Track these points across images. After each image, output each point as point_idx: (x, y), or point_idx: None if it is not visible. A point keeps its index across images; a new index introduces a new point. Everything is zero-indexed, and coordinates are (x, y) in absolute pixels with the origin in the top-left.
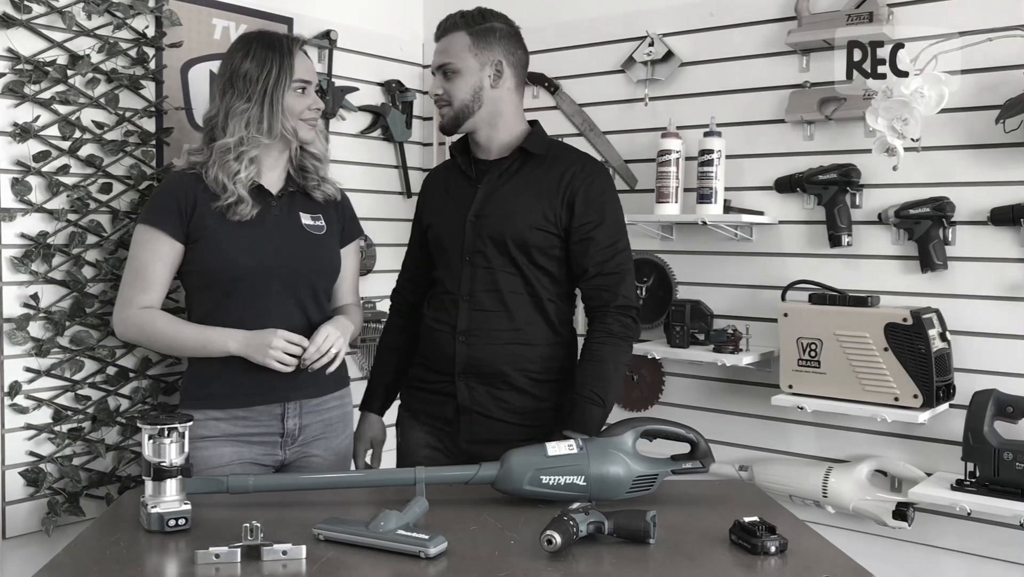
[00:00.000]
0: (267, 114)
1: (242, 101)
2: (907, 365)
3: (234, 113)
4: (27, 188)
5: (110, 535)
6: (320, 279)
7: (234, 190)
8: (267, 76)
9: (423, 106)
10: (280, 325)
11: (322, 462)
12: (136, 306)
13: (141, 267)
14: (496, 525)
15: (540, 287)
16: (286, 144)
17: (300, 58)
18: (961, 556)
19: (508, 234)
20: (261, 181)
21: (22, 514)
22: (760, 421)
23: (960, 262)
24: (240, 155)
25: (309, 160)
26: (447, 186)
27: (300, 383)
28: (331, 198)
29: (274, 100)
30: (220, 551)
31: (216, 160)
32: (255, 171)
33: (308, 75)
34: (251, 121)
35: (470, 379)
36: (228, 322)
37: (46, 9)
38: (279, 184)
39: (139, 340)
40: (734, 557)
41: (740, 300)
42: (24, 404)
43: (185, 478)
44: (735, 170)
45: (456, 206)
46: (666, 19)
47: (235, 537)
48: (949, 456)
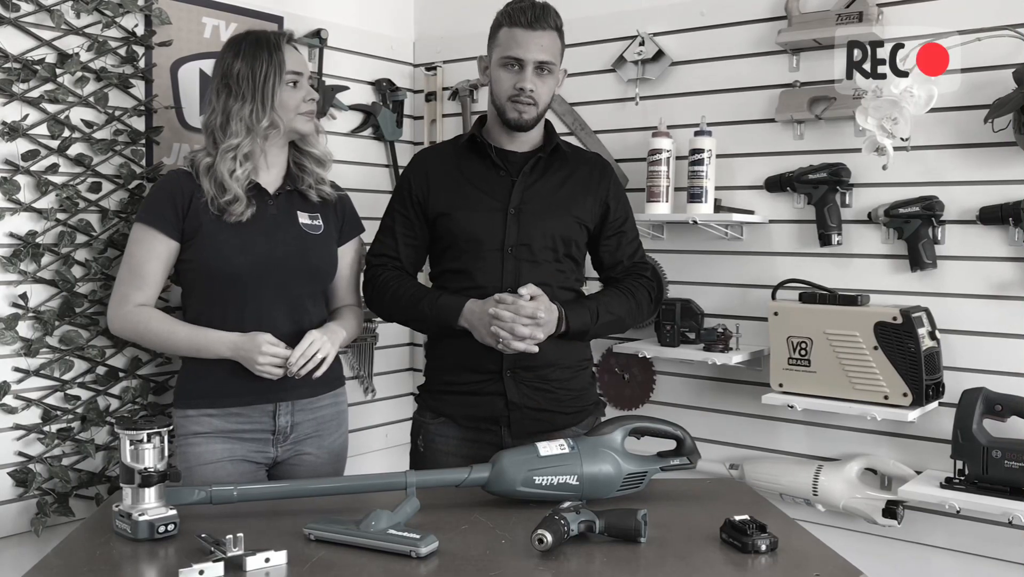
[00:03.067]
0: (264, 110)
1: (238, 101)
2: (897, 364)
3: (232, 114)
4: (16, 187)
5: (99, 536)
6: (316, 279)
7: (232, 188)
8: (259, 73)
9: (414, 105)
10: (275, 324)
11: (315, 460)
12: (132, 303)
13: (137, 265)
14: (487, 524)
15: (573, 278)
16: (285, 141)
17: (289, 51)
18: (951, 554)
19: (555, 228)
20: (259, 180)
21: (11, 514)
22: (750, 420)
23: (949, 261)
24: (237, 154)
25: (308, 160)
26: (465, 175)
27: (293, 383)
28: (328, 199)
29: (266, 97)
30: (204, 567)
31: (219, 160)
32: (251, 168)
33: (299, 67)
34: (249, 119)
35: (518, 373)
36: (223, 320)
37: (35, 7)
38: (277, 183)
39: (133, 337)
40: (725, 556)
41: (730, 299)
42: (13, 404)
43: (171, 485)
44: (725, 169)
45: (489, 199)
46: (657, 18)
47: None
48: (938, 454)
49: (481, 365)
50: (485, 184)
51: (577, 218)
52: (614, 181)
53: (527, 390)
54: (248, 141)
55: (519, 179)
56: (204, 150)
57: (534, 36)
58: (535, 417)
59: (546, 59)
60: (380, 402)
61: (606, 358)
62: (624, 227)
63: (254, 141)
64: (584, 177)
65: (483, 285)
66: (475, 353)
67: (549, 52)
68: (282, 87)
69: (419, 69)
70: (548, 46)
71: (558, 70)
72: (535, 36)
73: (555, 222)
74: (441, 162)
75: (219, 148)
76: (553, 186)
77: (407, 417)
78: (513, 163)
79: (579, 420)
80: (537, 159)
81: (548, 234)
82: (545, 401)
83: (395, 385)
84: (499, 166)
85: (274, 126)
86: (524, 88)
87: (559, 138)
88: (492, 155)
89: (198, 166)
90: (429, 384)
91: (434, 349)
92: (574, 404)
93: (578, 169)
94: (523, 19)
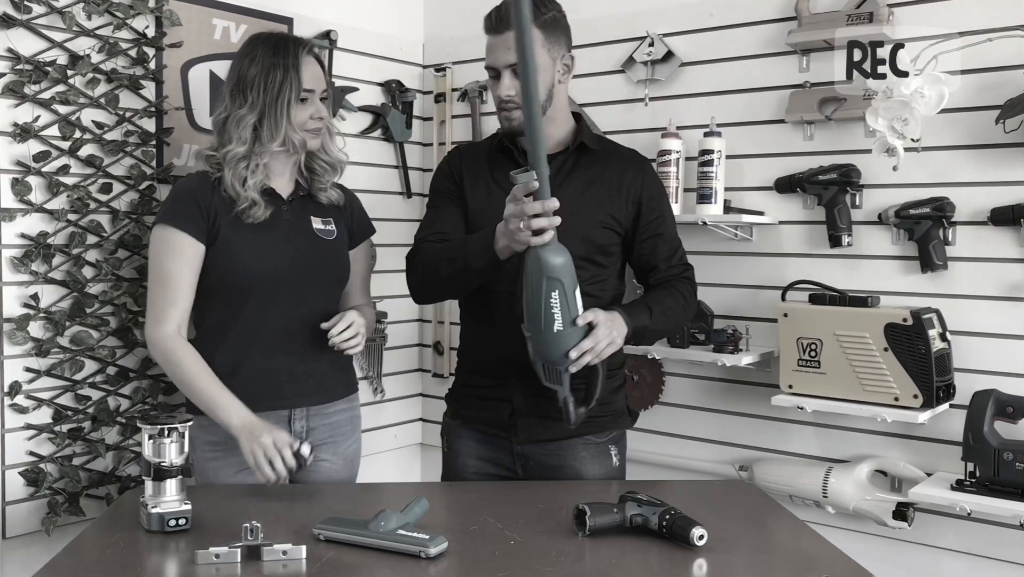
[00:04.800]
0: (270, 125)
1: (246, 109)
2: (907, 365)
3: (240, 120)
4: (27, 188)
5: (110, 535)
6: (332, 283)
7: (247, 196)
8: (271, 87)
9: (423, 106)
10: (291, 330)
11: (330, 466)
12: (171, 323)
13: (167, 276)
14: (496, 525)
15: (611, 286)
16: (294, 150)
17: (307, 65)
18: (961, 556)
19: (582, 232)
20: (272, 185)
21: (22, 514)
22: (760, 421)
23: (960, 262)
24: (249, 163)
25: (319, 164)
26: (493, 176)
27: (307, 389)
28: (335, 203)
29: (277, 112)
30: (220, 551)
31: (227, 166)
32: (263, 175)
33: (313, 83)
34: (255, 130)
35: (526, 380)
36: (238, 327)
37: (46, 9)
38: (289, 188)
39: (163, 366)
40: (736, 558)
41: (740, 300)
42: (24, 404)
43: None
44: (735, 170)
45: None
46: (666, 19)
47: (235, 537)
48: (949, 456)
49: (490, 370)
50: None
51: (605, 221)
52: (649, 179)
53: (535, 397)
54: (257, 152)
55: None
56: (212, 150)
57: (500, 40)
58: (541, 424)
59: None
60: (389, 403)
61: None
62: (661, 228)
63: (263, 152)
64: (616, 176)
65: (498, 290)
66: (484, 355)
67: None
68: (294, 105)
69: (428, 70)
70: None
71: (544, 64)
72: (501, 40)
73: (582, 226)
74: (475, 162)
75: (224, 153)
76: (579, 187)
77: (416, 418)
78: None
79: (594, 429)
80: (562, 161)
81: (576, 239)
82: (553, 410)
83: (404, 386)
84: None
85: (276, 140)
86: (501, 96)
87: (589, 134)
88: (518, 158)
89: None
90: (454, 385)
91: (460, 347)
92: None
93: (610, 167)
94: (488, 24)
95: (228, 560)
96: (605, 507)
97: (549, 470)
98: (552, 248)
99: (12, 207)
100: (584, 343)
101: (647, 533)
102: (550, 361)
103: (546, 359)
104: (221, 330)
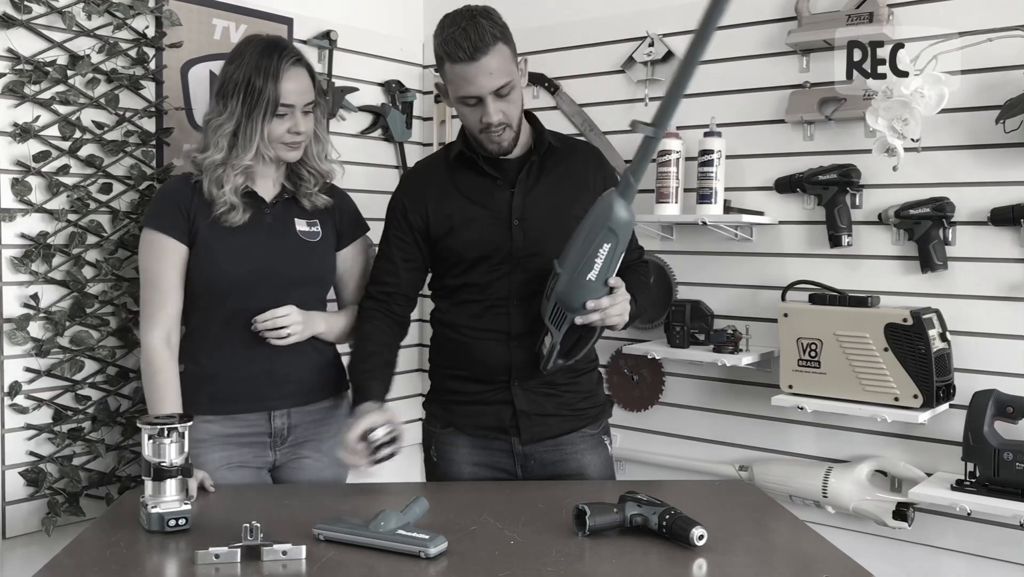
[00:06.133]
0: (244, 137)
1: (225, 117)
2: (907, 365)
3: (218, 128)
4: (27, 188)
5: (110, 535)
6: (315, 286)
7: (224, 200)
8: (248, 98)
9: (423, 106)
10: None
11: (315, 464)
12: (159, 328)
13: (154, 278)
14: (496, 525)
15: None
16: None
17: (288, 79)
18: (961, 556)
19: (563, 232)
20: (255, 188)
21: (22, 514)
22: (760, 421)
23: (960, 262)
24: (225, 169)
25: (306, 171)
26: (460, 189)
27: (287, 391)
28: (322, 207)
29: (251, 126)
30: (220, 551)
31: (205, 172)
32: (243, 180)
33: (294, 98)
34: (233, 137)
35: (525, 382)
36: (218, 329)
37: (46, 9)
38: (273, 191)
39: (141, 371)
40: (736, 558)
41: (740, 300)
42: (24, 404)
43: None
44: (735, 170)
45: (489, 212)
46: (666, 19)
47: (235, 537)
48: (949, 456)
49: (488, 376)
50: (483, 197)
51: (580, 216)
52: (608, 172)
53: (535, 397)
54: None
55: (517, 187)
56: (198, 150)
57: (479, 67)
58: (544, 423)
59: (501, 83)
60: (389, 403)
61: (615, 359)
62: None
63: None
64: (579, 170)
65: (490, 297)
66: (480, 362)
67: (501, 73)
68: (269, 120)
69: (428, 70)
70: (497, 67)
71: (518, 77)
72: (480, 66)
73: (556, 225)
74: (436, 180)
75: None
76: (551, 188)
77: (416, 418)
78: (507, 171)
79: (588, 422)
80: (531, 163)
81: (555, 237)
82: (553, 406)
83: (403, 386)
84: (494, 176)
85: (248, 152)
86: (491, 123)
87: (549, 133)
88: (484, 166)
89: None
90: (435, 393)
91: (437, 356)
92: (582, 406)
93: (571, 162)
94: (462, 54)
95: (228, 560)
96: (605, 507)
97: (551, 466)
98: (628, 204)
99: (12, 207)
100: (603, 300)
101: (647, 533)
102: (566, 304)
103: (564, 300)
104: (203, 331)
